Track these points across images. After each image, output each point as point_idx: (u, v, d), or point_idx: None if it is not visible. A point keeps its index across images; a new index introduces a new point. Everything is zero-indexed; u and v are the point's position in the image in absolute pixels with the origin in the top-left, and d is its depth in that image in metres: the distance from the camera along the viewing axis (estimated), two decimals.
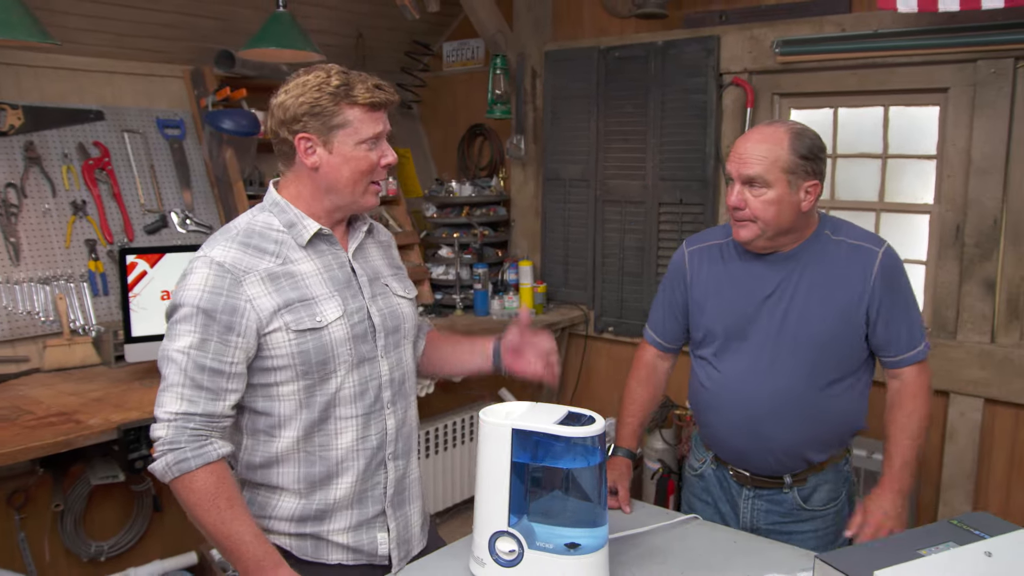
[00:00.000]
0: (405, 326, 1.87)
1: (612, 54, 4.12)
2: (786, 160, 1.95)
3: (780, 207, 1.97)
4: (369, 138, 1.70)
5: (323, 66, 1.72)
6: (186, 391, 1.60)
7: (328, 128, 1.67)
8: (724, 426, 2.14)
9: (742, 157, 1.99)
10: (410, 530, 1.89)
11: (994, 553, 1.27)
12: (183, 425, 1.59)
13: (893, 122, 3.53)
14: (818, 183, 2.00)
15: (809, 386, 2.04)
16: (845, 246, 2.06)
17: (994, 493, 3.34)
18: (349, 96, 1.67)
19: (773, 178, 1.96)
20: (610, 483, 2.10)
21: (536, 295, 4.31)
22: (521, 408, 1.73)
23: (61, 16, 3.37)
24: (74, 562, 3.09)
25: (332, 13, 4.21)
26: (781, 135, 1.98)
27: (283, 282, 1.68)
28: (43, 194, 3.38)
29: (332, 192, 1.72)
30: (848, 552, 1.37)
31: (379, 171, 1.75)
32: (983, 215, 3.24)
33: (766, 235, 2.01)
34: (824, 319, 2.02)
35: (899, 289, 2.06)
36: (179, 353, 1.61)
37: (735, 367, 2.10)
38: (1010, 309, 3.24)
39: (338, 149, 1.69)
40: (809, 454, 2.10)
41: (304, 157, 1.69)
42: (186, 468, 1.59)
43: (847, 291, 2.03)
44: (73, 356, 3.26)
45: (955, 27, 3.17)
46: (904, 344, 2.06)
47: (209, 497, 1.59)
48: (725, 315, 2.12)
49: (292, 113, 1.67)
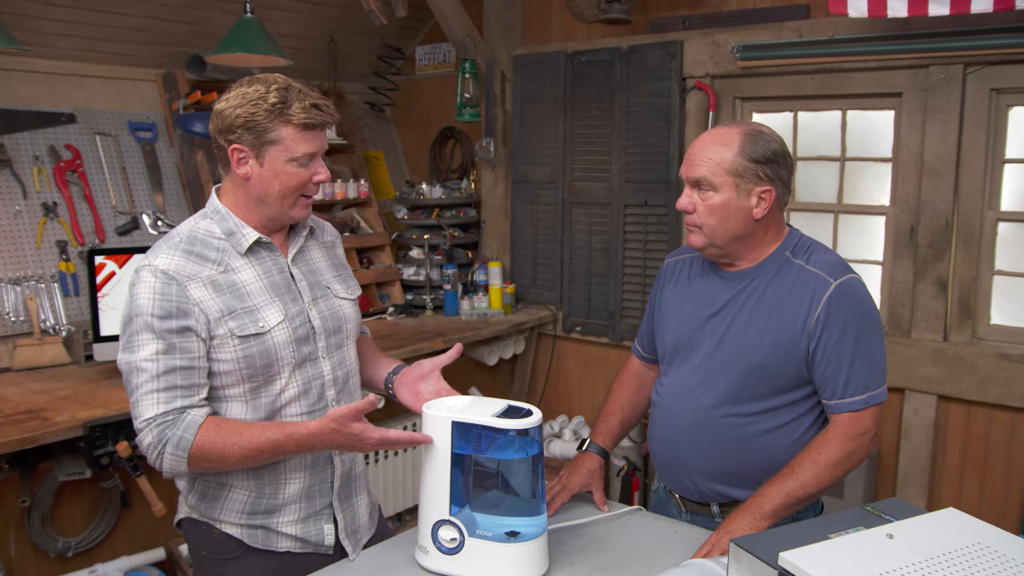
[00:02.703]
0: (347, 327, 1.92)
1: (579, 58, 4.19)
2: (733, 162, 1.85)
3: (726, 213, 1.88)
4: (300, 156, 1.72)
5: (266, 78, 1.74)
6: (161, 395, 1.65)
7: (261, 143, 1.70)
8: (655, 441, 2.09)
9: (691, 158, 1.90)
10: (358, 520, 1.96)
11: (895, 535, 1.34)
12: (162, 421, 1.65)
13: (851, 125, 3.62)
14: (772, 189, 1.88)
15: (731, 412, 1.94)
16: (799, 271, 1.91)
17: (947, 487, 3.43)
18: (284, 115, 1.68)
19: (719, 181, 1.86)
20: (582, 483, 2.11)
21: (505, 295, 4.38)
22: (463, 401, 1.79)
23: (33, 20, 3.41)
24: (42, 557, 3.13)
25: (302, 18, 4.26)
26: (732, 136, 1.87)
27: (225, 289, 1.73)
28: (14, 196, 3.43)
29: (262, 203, 1.76)
30: (761, 536, 1.44)
31: (310, 187, 1.78)
32: (935, 216, 3.33)
33: (715, 242, 1.92)
34: (758, 345, 1.90)
35: (846, 329, 1.85)
36: (148, 362, 1.65)
37: (673, 382, 2.05)
38: (961, 308, 3.33)
39: (269, 164, 1.71)
40: (724, 488, 1.98)
41: (236, 167, 1.73)
42: (186, 444, 1.64)
43: (787, 320, 1.89)
44: (43, 355, 3.30)
45: (907, 34, 3.26)
46: (839, 389, 1.86)
47: (223, 444, 1.65)
48: (676, 329, 2.06)
49: (228, 123, 1.71)
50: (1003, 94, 3.21)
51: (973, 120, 3.23)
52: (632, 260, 4.13)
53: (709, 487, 2.00)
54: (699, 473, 2.00)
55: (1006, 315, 3.32)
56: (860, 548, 1.31)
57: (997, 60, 3.14)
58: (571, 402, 4.56)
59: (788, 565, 1.26)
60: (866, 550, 1.30)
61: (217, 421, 1.69)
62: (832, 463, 1.83)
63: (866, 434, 1.86)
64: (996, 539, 1.33)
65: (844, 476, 1.87)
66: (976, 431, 3.34)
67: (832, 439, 1.86)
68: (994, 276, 3.31)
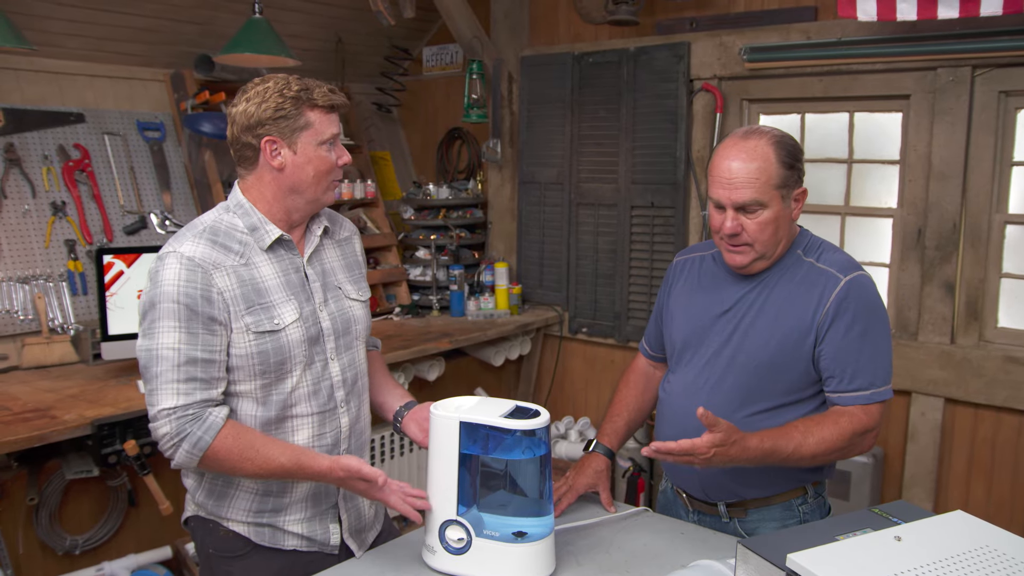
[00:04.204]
0: (356, 328, 1.94)
1: (586, 60, 4.19)
2: (777, 175, 1.83)
3: (776, 224, 1.87)
4: (328, 139, 1.79)
5: (276, 75, 1.80)
6: (181, 385, 1.66)
7: (292, 130, 1.75)
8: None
9: (731, 182, 1.84)
10: (362, 520, 1.97)
11: (903, 537, 1.34)
12: (182, 415, 1.66)
13: (858, 128, 3.61)
14: (804, 188, 1.90)
15: (741, 411, 1.92)
16: (809, 268, 1.92)
17: (954, 490, 3.42)
18: (310, 99, 1.76)
19: (768, 198, 1.83)
20: (589, 484, 2.11)
21: (511, 296, 4.38)
22: (470, 402, 1.79)
23: (42, 20, 3.43)
24: (49, 555, 3.14)
25: (310, 18, 4.27)
26: (766, 149, 1.84)
27: (247, 282, 1.75)
28: (23, 195, 3.44)
29: (295, 192, 1.80)
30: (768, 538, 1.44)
31: (337, 170, 1.84)
32: (943, 219, 3.32)
33: (765, 256, 1.91)
34: (766, 343, 1.90)
35: (855, 324, 1.85)
36: (169, 350, 1.66)
37: (682, 380, 2.05)
38: (969, 311, 3.32)
39: (302, 150, 1.77)
40: (735, 486, 1.98)
41: (270, 159, 1.77)
42: (204, 446, 1.66)
43: (796, 317, 1.89)
44: (51, 354, 3.32)
45: (915, 36, 3.25)
46: (844, 381, 1.86)
47: (238, 454, 1.68)
48: (685, 327, 2.06)
49: (257, 118, 1.74)
50: (1012, 96, 3.20)
51: (981, 122, 3.22)
52: (639, 261, 4.13)
53: (717, 485, 2.00)
54: (707, 471, 1.98)
55: (1013, 318, 3.31)
56: (868, 550, 1.31)
57: (1006, 62, 3.14)
58: (577, 403, 4.56)
59: (796, 567, 1.26)
60: (874, 552, 1.30)
61: (236, 430, 1.70)
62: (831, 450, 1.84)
63: (871, 431, 1.87)
64: (1005, 542, 1.33)
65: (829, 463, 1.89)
66: (983, 434, 3.33)
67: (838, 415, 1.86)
68: (1002, 279, 3.31)
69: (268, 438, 1.75)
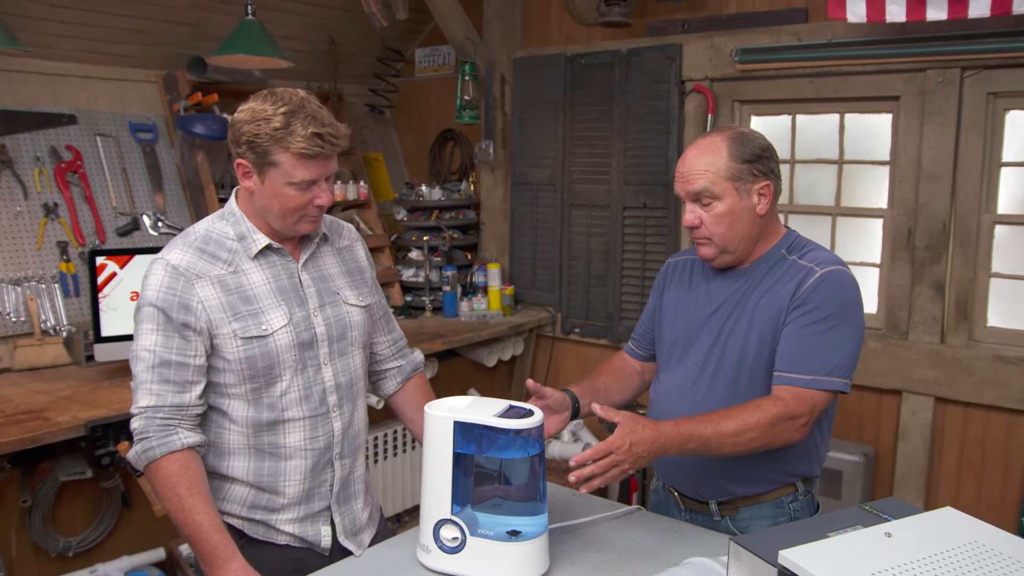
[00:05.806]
0: (352, 334, 1.94)
1: (579, 61, 4.21)
2: (728, 168, 1.89)
3: (733, 217, 1.91)
4: (299, 182, 1.72)
5: (282, 95, 1.73)
6: (154, 386, 1.71)
7: (262, 163, 1.72)
8: None
9: (685, 174, 1.93)
10: (357, 523, 1.98)
11: (893, 533, 1.35)
12: (152, 416, 1.70)
13: (849, 129, 3.64)
14: (770, 183, 1.92)
15: None
16: (791, 265, 1.95)
17: (944, 488, 3.44)
18: (283, 142, 1.69)
19: (720, 189, 1.89)
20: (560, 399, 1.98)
21: (504, 297, 4.39)
22: (464, 402, 1.80)
23: (35, 21, 3.42)
24: (42, 557, 3.14)
25: (303, 20, 4.28)
26: (719, 144, 1.91)
27: (233, 290, 1.77)
28: (15, 196, 3.44)
29: (266, 215, 1.80)
30: (760, 535, 1.45)
31: (311, 208, 1.78)
32: (933, 219, 3.34)
33: (727, 250, 1.95)
34: (746, 339, 1.94)
35: (819, 310, 1.85)
36: (145, 351, 1.72)
37: (671, 379, 2.07)
38: (959, 310, 3.34)
39: (269, 184, 1.74)
40: (724, 483, 2.00)
41: (241, 180, 1.78)
42: (152, 456, 1.69)
43: (773, 309, 1.91)
44: (44, 356, 3.31)
45: (905, 38, 3.28)
46: (787, 362, 1.85)
47: (171, 484, 1.69)
48: (675, 327, 2.09)
49: (235, 137, 1.74)
50: (1000, 98, 3.22)
51: (970, 124, 3.25)
52: (631, 262, 4.14)
53: (708, 483, 2.02)
54: (698, 469, 2.01)
55: (1003, 317, 3.34)
56: (859, 546, 1.32)
57: (994, 64, 3.16)
58: None
59: (788, 563, 1.27)
60: (865, 548, 1.31)
61: (189, 464, 1.70)
62: (752, 434, 1.78)
63: (798, 418, 1.81)
64: (993, 538, 1.35)
65: (758, 450, 1.81)
66: (973, 433, 3.36)
67: (760, 401, 1.82)
68: (991, 279, 3.33)
69: (208, 495, 1.72)
